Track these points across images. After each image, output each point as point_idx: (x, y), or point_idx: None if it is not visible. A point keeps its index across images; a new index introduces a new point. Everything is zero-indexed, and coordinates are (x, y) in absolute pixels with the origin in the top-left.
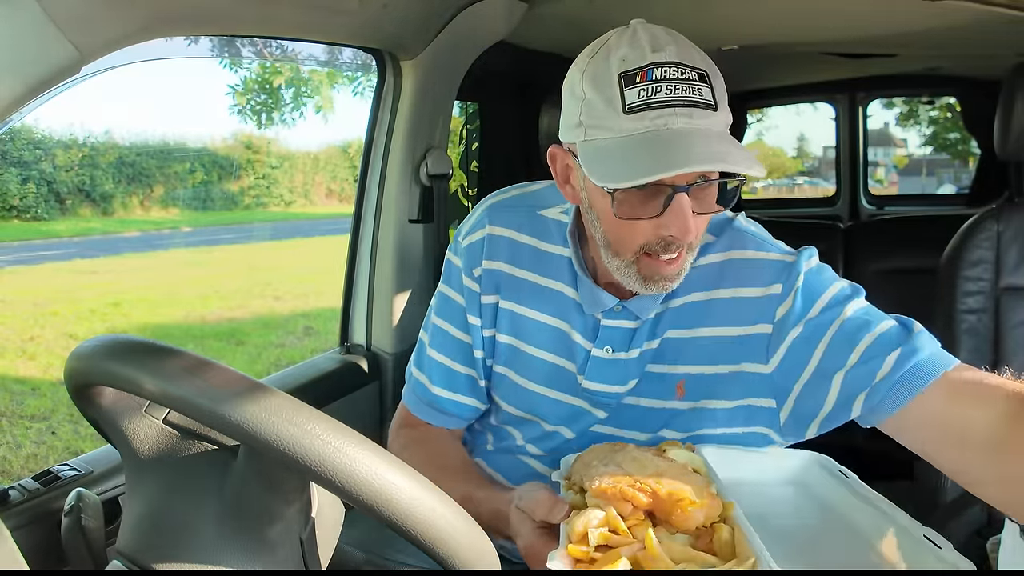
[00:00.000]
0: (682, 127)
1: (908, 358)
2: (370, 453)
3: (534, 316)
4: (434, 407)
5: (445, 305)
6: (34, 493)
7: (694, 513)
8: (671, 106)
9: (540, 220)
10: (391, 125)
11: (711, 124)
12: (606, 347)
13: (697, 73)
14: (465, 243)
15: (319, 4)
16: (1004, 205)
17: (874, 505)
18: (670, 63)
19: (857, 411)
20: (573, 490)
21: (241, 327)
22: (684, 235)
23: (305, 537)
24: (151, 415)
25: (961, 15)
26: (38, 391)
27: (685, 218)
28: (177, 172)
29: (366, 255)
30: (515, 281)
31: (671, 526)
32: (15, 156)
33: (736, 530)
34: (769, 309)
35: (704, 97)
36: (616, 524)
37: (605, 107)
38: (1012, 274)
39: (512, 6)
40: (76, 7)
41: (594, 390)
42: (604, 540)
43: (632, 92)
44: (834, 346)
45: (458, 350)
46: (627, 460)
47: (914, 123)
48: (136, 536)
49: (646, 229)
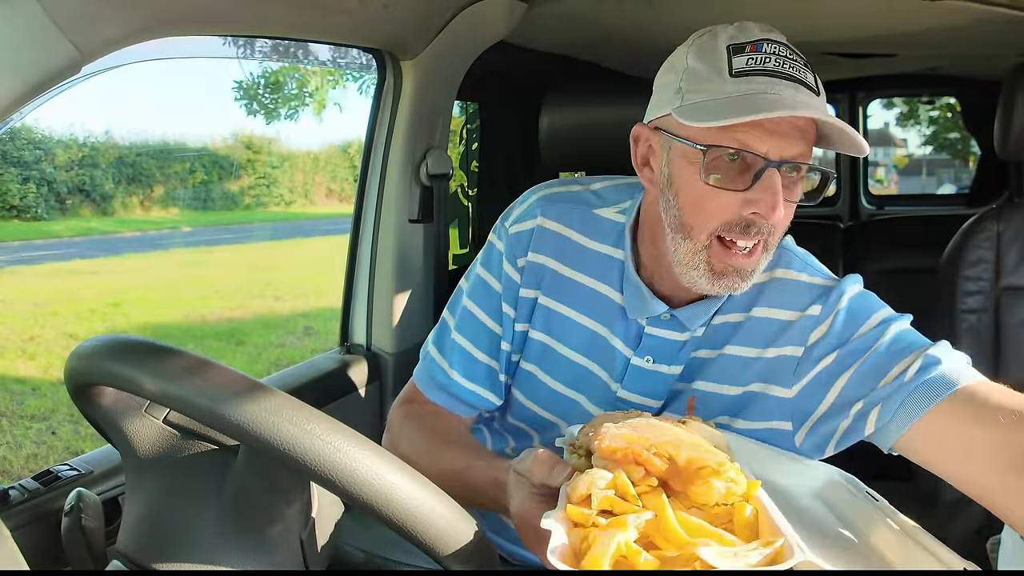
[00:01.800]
0: (788, 95)
1: (925, 371)
2: (370, 453)
3: (573, 316)
4: (447, 392)
5: (479, 288)
6: (34, 493)
7: (716, 485)
8: (779, 76)
9: (594, 219)
10: (391, 125)
11: (816, 103)
12: (647, 356)
13: (802, 60)
14: (513, 230)
15: (319, 4)
16: (1004, 205)
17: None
18: (780, 43)
19: (871, 428)
20: (579, 454)
21: (241, 327)
22: (770, 213)
23: (305, 537)
24: (151, 415)
25: (961, 15)
26: (38, 391)
27: (775, 194)
28: (177, 172)
29: (366, 255)
30: (559, 279)
31: (686, 499)
32: (15, 156)
33: (761, 510)
34: (804, 332)
35: (809, 81)
36: (625, 489)
37: (709, 72)
38: (1012, 274)
39: (512, 6)
40: (76, 7)
41: (629, 400)
42: (609, 505)
43: (740, 59)
44: (862, 373)
45: (485, 337)
46: (643, 424)
47: (914, 123)
48: (136, 536)
49: (731, 204)
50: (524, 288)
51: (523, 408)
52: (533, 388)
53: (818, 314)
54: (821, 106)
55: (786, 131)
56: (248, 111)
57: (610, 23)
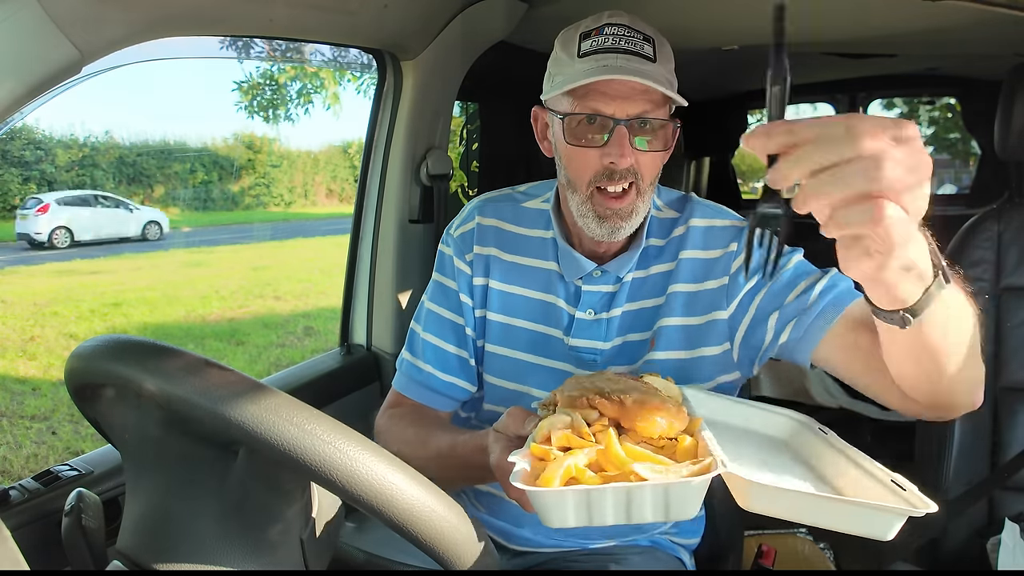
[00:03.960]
0: (621, 64)
1: (827, 293)
2: (370, 453)
3: (521, 292)
4: (425, 386)
5: (438, 291)
6: (34, 493)
7: (658, 420)
8: (615, 52)
9: (523, 211)
10: (391, 125)
11: (650, 70)
12: (588, 310)
13: (643, 35)
14: (457, 233)
15: (320, 4)
16: (1004, 205)
17: (846, 455)
18: (621, 24)
19: (785, 337)
20: (548, 410)
21: (241, 327)
22: (620, 160)
23: (305, 537)
24: (151, 415)
25: (961, 15)
26: (39, 391)
27: (622, 145)
28: (177, 172)
29: (366, 255)
30: (503, 264)
31: (636, 435)
32: (15, 156)
33: (700, 441)
34: (727, 264)
35: (645, 51)
36: (580, 428)
37: (566, 57)
38: (1012, 274)
39: (512, 6)
40: (78, 7)
41: (579, 347)
42: (566, 441)
43: (587, 43)
44: (774, 292)
45: (450, 331)
46: (601, 379)
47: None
48: (136, 536)
49: (593, 158)
50: (476, 277)
51: (495, 388)
52: (501, 366)
53: (735, 250)
54: (653, 71)
55: (627, 94)
56: (252, 115)
57: None
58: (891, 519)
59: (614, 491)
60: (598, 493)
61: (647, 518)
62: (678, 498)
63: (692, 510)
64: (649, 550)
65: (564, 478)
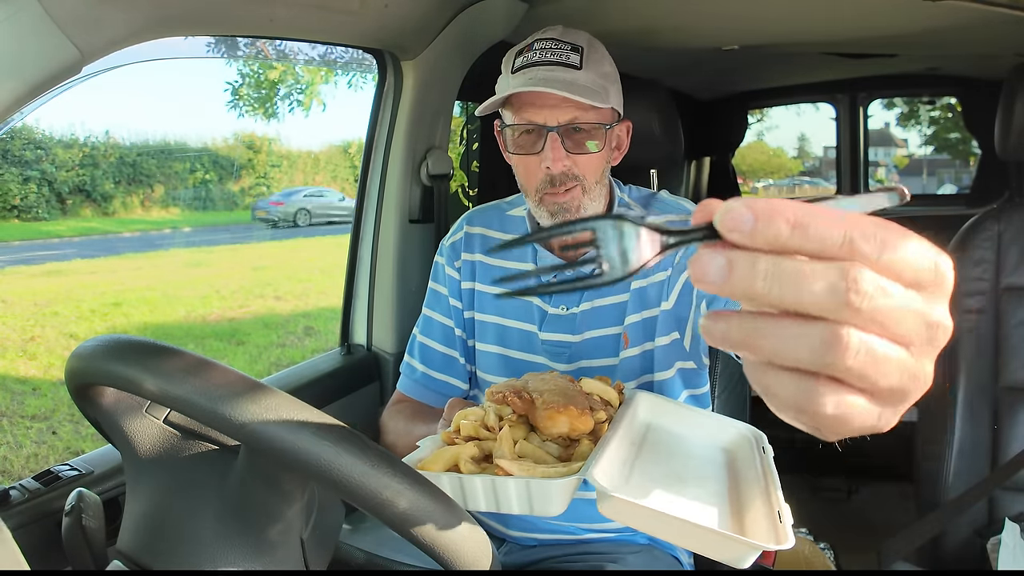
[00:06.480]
0: (545, 76)
1: None
2: (371, 453)
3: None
4: (420, 384)
5: (432, 298)
6: (35, 493)
7: (558, 421)
8: (542, 65)
9: (508, 218)
10: (392, 125)
11: (574, 77)
12: (561, 306)
13: (571, 45)
14: (448, 243)
15: (320, 4)
16: (1004, 205)
17: (762, 476)
18: (549, 38)
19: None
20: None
21: (241, 327)
22: (554, 165)
23: (305, 537)
24: (151, 415)
25: (961, 15)
26: (39, 391)
27: (555, 150)
28: (177, 172)
29: (367, 255)
30: (488, 267)
31: (543, 432)
32: (16, 156)
33: (599, 446)
34: (671, 258)
35: (571, 60)
36: (488, 421)
37: (504, 74)
38: (1012, 274)
39: (512, 6)
40: (77, 7)
41: (550, 340)
42: (473, 432)
43: (520, 59)
44: None
45: (441, 332)
46: (535, 378)
47: (915, 123)
48: (136, 536)
49: (533, 164)
50: (464, 282)
51: (487, 384)
52: (490, 362)
53: None
54: (579, 78)
55: (555, 102)
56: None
57: (609, 23)
58: (743, 549)
59: (481, 481)
60: (468, 481)
61: (514, 509)
62: (540, 495)
63: (555, 508)
64: (647, 549)
65: (448, 464)
